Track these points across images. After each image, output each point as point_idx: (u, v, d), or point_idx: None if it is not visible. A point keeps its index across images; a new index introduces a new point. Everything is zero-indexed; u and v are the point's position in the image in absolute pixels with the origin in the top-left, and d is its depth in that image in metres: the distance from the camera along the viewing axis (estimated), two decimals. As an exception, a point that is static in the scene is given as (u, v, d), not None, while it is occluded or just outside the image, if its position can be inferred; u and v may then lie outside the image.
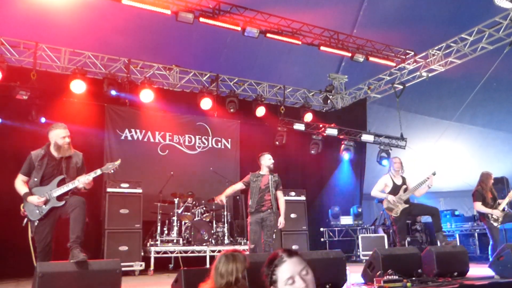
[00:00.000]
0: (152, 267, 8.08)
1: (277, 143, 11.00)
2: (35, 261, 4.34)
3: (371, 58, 10.33)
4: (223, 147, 11.20)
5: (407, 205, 6.65)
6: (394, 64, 11.02)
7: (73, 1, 8.43)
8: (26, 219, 4.49)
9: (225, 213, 9.40)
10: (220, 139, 11.17)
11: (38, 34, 8.70)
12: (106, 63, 9.63)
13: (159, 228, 8.69)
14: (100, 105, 9.62)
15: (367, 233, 11.16)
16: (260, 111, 10.80)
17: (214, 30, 8.92)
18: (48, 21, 8.56)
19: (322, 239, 11.14)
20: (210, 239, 8.93)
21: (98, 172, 4.78)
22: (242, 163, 11.29)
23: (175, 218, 8.86)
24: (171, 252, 8.44)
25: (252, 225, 6.29)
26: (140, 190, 8.44)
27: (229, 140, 11.29)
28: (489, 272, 5.85)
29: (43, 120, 8.49)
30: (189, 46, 10.34)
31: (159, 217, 8.75)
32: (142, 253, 8.22)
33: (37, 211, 4.45)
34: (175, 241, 8.62)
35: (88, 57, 9.43)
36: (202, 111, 10.32)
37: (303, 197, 10.16)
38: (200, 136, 10.89)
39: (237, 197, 10.34)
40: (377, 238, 10.50)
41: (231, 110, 10.45)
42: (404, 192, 6.70)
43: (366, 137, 11.50)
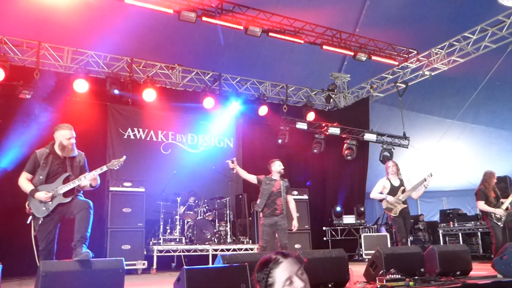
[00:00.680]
0: (155, 266, 8.10)
1: (280, 142, 11.00)
2: (38, 260, 4.34)
3: (374, 57, 10.32)
4: (226, 146, 11.21)
5: (405, 205, 6.91)
6: (397, 63, 11.00)
7: (76, 1, 8.44)
8: (31, 217, 4.48)
9: (228, 212, 9.42)
10: (223, 138, 11.19)
11: (41, 34, 8.71)
12: (109, 62, 9.64)
13: (162, 227, 8.71)
14: (103, 104, 9.64)
15: (370, 232, 11.16)
16: (263, 110, 10.81)
17: (217, 29, 8.92)
18: (51, 21, 8.58)
19: (325, 238, 11.14)
20: (213, 238, 8.94)
21: (104, 169, 4.82)
22: (245, 162, 11.28)
23: (178, 217, 8.88)
24: (174, 251, 8.46)
25: (266, 227, 6.50)
26: (143, 189, 8.46)
27: (232, 139, 11.30)
28: (492, 271, 5.85)
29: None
30: (192, 45, 10.34)
31: (162, 216, 8.77)
32: (145, 252, 8.24)
33: (44, 208, 4.45)
34: (178, 240, 8.64)
35: (91, 56, 9.45)
36: (205, 110, 10.32)
37: (306, 196, 10.17)
38: (203, 135, 10.91)
39: (240, 196, 10.35)
40: (380, 237, 10.50)
41: (234, 109, 10.45)
42: (402, 193, 6.95)
43: (369, 136, 11.48)
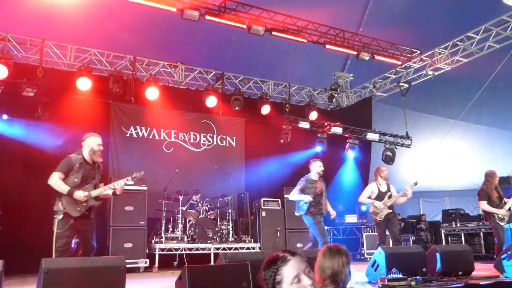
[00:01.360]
0: (157, 264, 8.12)
1: (282, 141, 11.00)
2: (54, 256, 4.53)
3: (377, 57, 10.29)
4: (228, 145, 11.22)
5: (391, 211, 7.14)
6: (400, 63, 10.97)
7: (79, -1, 8.47)
8: (62, 215, 4.62)
9: (230, 211, 9.43)
10: (225, 137, 11.19)
11: (45, 31, 8.73)
12: (112, 61, 9.65)
13: (164, 226, 8.72)
14: (106, 102, 9.66)
15: (372, 232, 11.14)
16: (265, 109, 10.80)
17: (220, 28, 8.92)
18: (55, 18, 8.60)
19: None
20: (215, 237, 8.95)
21: (130, 181, 5.21)
22: (247, 161, 11.31)
23: (180, 216, 8.89)
24: (176, 250, 8.47)
25: (321, 224, 6.83)
26: (145, 188, 8.47)
27: (234, 138, 11.30)
28: (494, 272, 5.83)
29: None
30: (195, 44, 10.34)
31: (164, 215, 8.78)
32: (147, 250, 8.25)
33: (78, 208, 4.68)
34: (180, 239, 8.65)
35: (94, 54, 9.46)
36: (207, 109, 10.33)
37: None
38: (205, 134, 10.92)
39: (242, 195, 10.36)
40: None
41: (236, 108, 10.46)
42: (389, 199, 7.16)
43: (371, 136, 11.46)
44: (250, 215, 9.97)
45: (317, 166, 7.02)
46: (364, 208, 11.59)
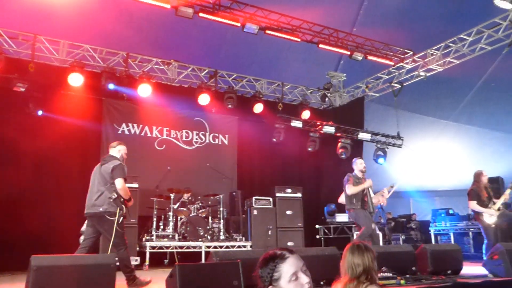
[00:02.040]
0: (147, 262, 8.09)
1: (275, 140, 11.01)
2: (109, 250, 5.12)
3: (370, 57, 10.33)
4: (221, 143, 11.21)
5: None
6: (393, 63, 11.02)
7: (72, -6, 8.40)
8: (122, 218, 5.31)
9: (221, 209, 9.42)
10: (218, 135, 11.18)
11: (37, 26, 8.66)
12: (105, 57, 9.60)
13: (155, 223, 8.70)
14: (98, 99, 9.61)
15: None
16: (258, 108, 10.80)
17: (214, 26, 8.90)
18: (47, 13, 8.52)
19: (318, 236, 11.16)
20: (206, 235, 8.95)
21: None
22: (240, 160, 11.31)
23: (171, 214, 8.87)
24: (167, 248, 8.45)
25: (368, 218, 6.80)
26: (137, 185, 8.41)
27: (227, 136, 11.30)
28: (483, 271, 5.89)
29: (40, 113, 8.49)
30: (188, 41, 10.31)
31: (155, 212, 8.76)
32: (138, 248, 8.22)
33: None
34: (171, 237, 8.63)
35: (87, 50, 9.40)
36: (200, 107, 10.30)
37: (300, 194, 10.17)
38: (198, 132, 10.90)
39: (233, 193, 10.36)
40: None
41: (229, 106, 10.45)
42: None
43: (363, 136, 11.51)
44: (242, 214, 9.97)
45: (359, 164, 7.14)
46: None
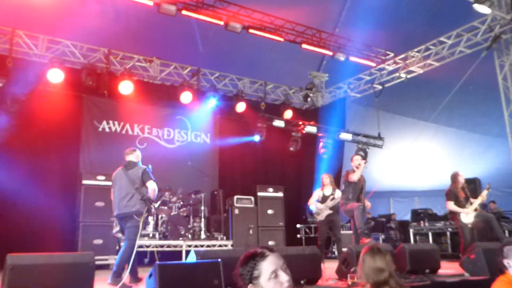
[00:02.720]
0: (127, 261, 7.99)
1: (257, 139, 11.01)
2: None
3: (352, 58, 10.43)
4: (202, 142, 11.16)
5: (331, 212, 7.88)
6: (374, 65, 11.15)
7: (52, -12, 8.24)
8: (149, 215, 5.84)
9: (203, 208, 9.38)
10: (200, 134, 11.13)
11: (15, 20, 8.47)
12: (86, 53, 9.45)
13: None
14: (78, 96, 9.45)
15: (343, 230, 11.28)
16: (241, 107, 10.78)
17: (197, 24, 8.85)
18: (26, 7, 8.34)
19: (299, 236, 11.22)
20: (187, 234, 8.90)
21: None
22: (221, 158, 11.28)
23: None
24: (147, 246, 8.37)
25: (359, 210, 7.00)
26: (117, 183, 8.33)
27: (209, 135, 11.25)
28: (460, 270, 6.00)
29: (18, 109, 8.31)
30: (171, 39, 10.23)
31: (136, 211, 8.65)
32: (117, 247, 8.11)
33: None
34: (151, 235, 8.56)
35: (67, 46, 9.25)
36: (182, 105, 10.22)
37: (281, 194, 10.21)
38: (179, 130, 10.84)
39: (215, 192, 10.33)
40: (351, 235, 10.62)
41: (212, 105, 10.41)
42: (331, 201, 7.89)
43: (345, 136, 11.61)
44: (223, 213, 9.95)
45: (355, 160, 7.39)
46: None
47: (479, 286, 5.09)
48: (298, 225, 11.33)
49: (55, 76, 8.52)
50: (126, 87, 9.24)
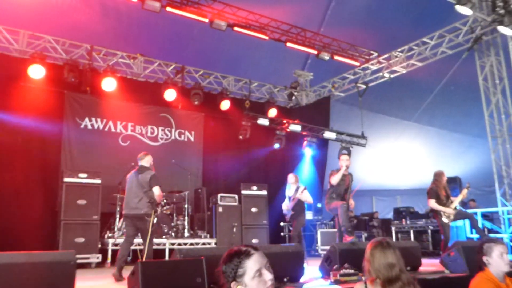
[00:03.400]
0: (110, 260, 7.92)
1: (241, 137, 11.01)
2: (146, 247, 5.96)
3: (336, 57, 10.49)
4: (186, 140, 11.10)
5: (293, 212, 8.07)
6: (358, 64, 11.24)
7: (34, -18, 8.10)
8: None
9: (186, 206, 9.34)
10: (184, 132, 11.06)
11: (-5, 15, 8.31)
12: (68, 49, 9.31)
13: (118, 220, 8.52)
14: (60, 92, 9.30)
15: (326, 228, 11.36)
16: (225, 105, 10.77)
17: (182, 21, 8.79)
18: (6, 1, 8.18)
19: (282, 234, 11.21)
20: (170, 232, 8.85)
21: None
22: (205, 156, 11.24)
23: (135, 210, 8.70)
24: (130, 245, 8.28)
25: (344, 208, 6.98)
26: (99, 181, 8.24)
27: (193, 133, 11.20)
28: (440, 267, 6.09)
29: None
30: (155, 36, 10.15)
31: (118, 209, 8.57)
32: (100, 245, 8.04)
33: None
34: (134, 234, 8.47)
35: (48, 42, 9.09)
36: (166, 102, 10.17)
37: (265, 192, 10.21)
38: (163, 128, 10.75)
39: (199, 190, 10.29)
40: (336, 233, 10.70)
41: (196, 103, 10.37)
42: (289, 202, 8.20)
43: (329, 134, 11.67)
44: (207, 211, 9.91)
45: (343, 160, 7.32)
46: (319, 205, 11.83)
47: (459, 283, 5.17)
48: (282, 223, 11.33)
49: (36, 72, 8.39)
50: (109, 84, 9.15)
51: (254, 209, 9.88)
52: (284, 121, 11.43)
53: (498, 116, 9.19)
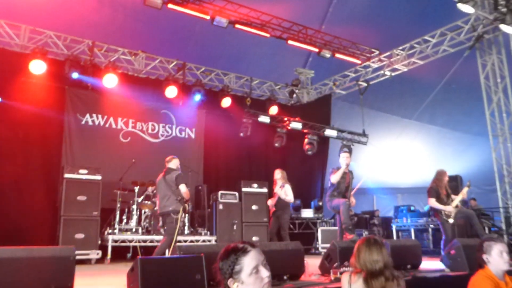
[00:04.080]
0: (109, 256, 7.92)
1: (242, 135, 10.98)
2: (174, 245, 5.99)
3: (338, 55, 10.47)
4: (187, 137, 11.09)
5: (275, 209, 8.16)
6: (360, 62, 11.21)
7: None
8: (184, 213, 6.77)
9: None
10: (184, 128, 11.05)
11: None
12: (69, 44, 9.30)
13: (118, 216, 8.53)
14: (61, 88, 9.30)
15: (327, 226, 11.36)
16: (226, 102, 10.75)
17: (183, 18, 8.77)
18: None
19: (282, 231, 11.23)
20: (170, 229, 8.83)
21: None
22: (206, 154, 11.23)
23: (135, 207, 8.72)
24: (130, 241, 8.30)
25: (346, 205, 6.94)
26: (99, 177, 8.23)
27: (193, 130, 11.19)
28: (440, 266, 6.09)
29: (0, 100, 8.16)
30: (157, 32, 10.13)
31: (119, 205, 8.58)
32: (99, 242, 8.04)
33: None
34: (134, 230, 8.49)
35: (50, 37, 9.08)
36: (167, 99, 10.15)
37: (265, 189, 10.18)
38: (164, 125, 10.75)
39: (199, 187, 10.29)
40: (336, 231, 10.68)
41: (197, 100, 10.35)
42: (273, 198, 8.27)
43: (330, 132, 11.64)
44: (207, 208, 9.91)
45: (342, 158, 7.27)
46: (320, 203, 11.82)
47: (459, 281, 5.16)
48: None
49: (38, 67, 8.38)
50: (111, 80, 9.14)
51: (255, 207, 9.87)
52: (285, 119, 11.40)
53: (500, 115, 9.16)
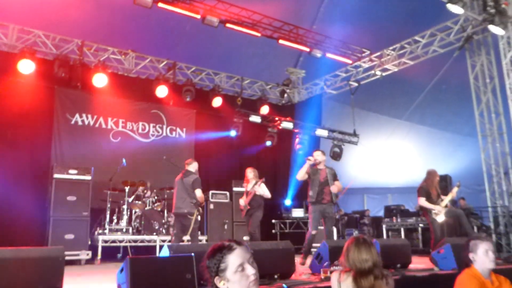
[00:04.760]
0: (100, 256, 7.88)
1: (233, 134, 10.98)
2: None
3: (329, 55, 10.49)
4: (178, 136, 11.06)
5: (249, 207, 7.86)
6: (351, 62, 11.24)
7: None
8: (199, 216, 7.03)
9: (177, 203, 9.29)
10: (175, 128, 11.02)
11: (-17, 8, 8.19)
12: (58, 44, 9.21)
13: (108, 217, 8.48)
14: (50, 87, 9.22)
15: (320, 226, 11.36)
16: (217, 102, 10.73)
17: (173, 17, 8.74)
18: (-5, -5, 8.09)
19: (273, 231, 11.26)
20: (161, 229, 8.81)
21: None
22: (197, 153, 11.19)
23: (126, 207, 8.67)
24: (120, 241, 8.26)
25: (315, 214, 7.02)
26: (89, 177, 8.18)
27: (184, 130, 11.16)
28: (430, 265, 6.13)
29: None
30: (147, 32, 10.08)
31: (109, 205, 8.54)
32: (90, 242, 7.99)
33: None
34: (125, 230, 8.45)
35: (38, 36, 8.99)
36: (157, 99, 10.11)
37: (256, 189, 10.18)
38: (154, 124, 10.70)
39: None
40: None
41: (187, 99, 10.32)
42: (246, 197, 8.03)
43: (320, 132, 11.67)
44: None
45: (315, 156, 7.12)
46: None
47: (448, 280, 5.20)
48: (273, 221, 11.37)
49: (26, 67, 8.29)
50: (100, 80, 9.07)
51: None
52: (276, 118, 11.42)
53: (489, 115, 9.24)
